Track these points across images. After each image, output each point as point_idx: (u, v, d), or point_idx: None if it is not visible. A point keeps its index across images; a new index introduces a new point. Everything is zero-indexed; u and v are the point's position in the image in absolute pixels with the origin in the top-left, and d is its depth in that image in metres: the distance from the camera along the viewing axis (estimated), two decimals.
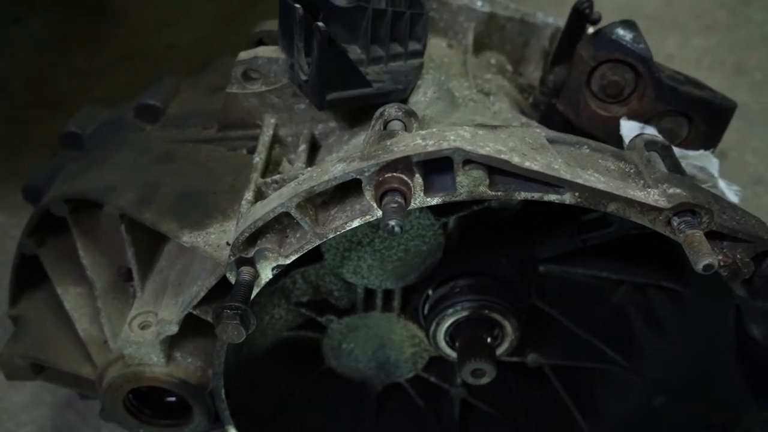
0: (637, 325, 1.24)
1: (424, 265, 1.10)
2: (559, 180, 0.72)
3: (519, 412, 1.35)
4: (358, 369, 1.27)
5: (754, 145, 2.14)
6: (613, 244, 1.12)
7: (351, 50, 0.97)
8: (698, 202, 0.74)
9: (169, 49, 2.40)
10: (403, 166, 0.72)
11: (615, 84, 1.01)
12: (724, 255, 0.79)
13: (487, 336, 1.05)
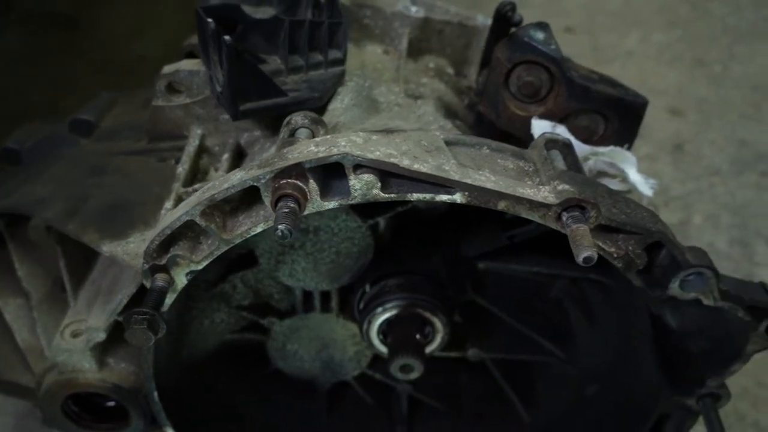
0: (574, 318, 1.27)
1: (357, 266, 1.14)
2: (448, 180, 0.76)
3: (464, 405, 1.39)
4: (305, 369, 1.30)
5: (711, 137, 2.18)
6: (544, 240, 1.15)
7: (271, 61, 1.00)
8: (584, 197, 0.77)
9: (140, 60, 2.44)
10: (297, 173, 0.75)
11: (530, 84, 1.04)
12: (617, 247, 0.83)
13: (417, 333, 1.08)
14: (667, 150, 2.13)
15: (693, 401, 1.00)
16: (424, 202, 1.13)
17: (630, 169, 1.06)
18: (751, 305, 0.88)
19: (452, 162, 0.78)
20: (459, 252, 1.18)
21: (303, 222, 1.08)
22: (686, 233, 1.89)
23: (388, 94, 1.14)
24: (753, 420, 1.52)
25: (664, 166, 2.08)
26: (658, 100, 2.30)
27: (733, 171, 2.07)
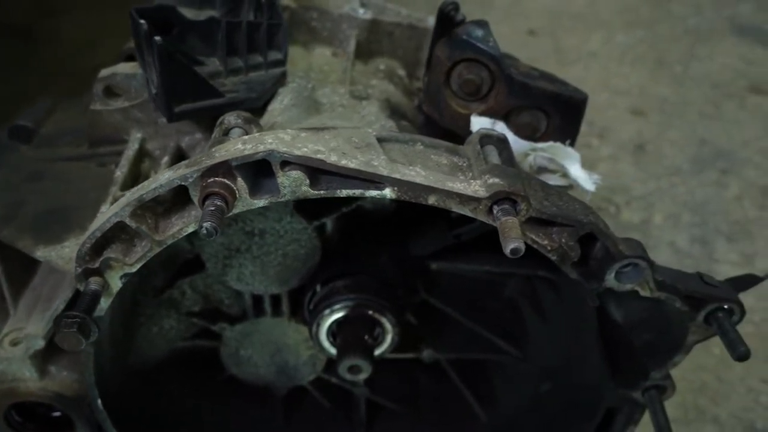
0: (527, 316, 1.27)
1: (305, 268, 1.13)
2: (376, 176, 0.76)
3: (423, 407, 1.38)
4: (260, 374, 1.29)
5: (672, 137, 2.20)
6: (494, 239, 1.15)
7: (209, 62, 1.00)
8: (514, 189, 0.77)
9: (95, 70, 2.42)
10: (224, 171, 0.74)
11: (471, 82, 1.04)
12: (551, 240, 0.83)
13: (365, 333, 1.08)
14: (629, 150, 2.15)
15: (639, 394, 1.00)
16: (371, 202, 1.16)
17: (573, 165, 1.06)
18: (688, 295, 0.89)
19: (382, 158, 0.78)
20: (408, 252, 1.17)
21: (248, 225, 1.08)
22: (648, 232, 1.90)
23: (331, 95, 1.14)
24: (713, 415, 1.52)
25: (626, 166, 2.10)
26: (620, 101, 2.33)
27: (693, 170, 2.09)
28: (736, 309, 0.90)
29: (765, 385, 1.57)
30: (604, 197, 2.00)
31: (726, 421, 1.51)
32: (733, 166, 2.09)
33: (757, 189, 2.02)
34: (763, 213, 1.95)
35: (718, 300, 0.89)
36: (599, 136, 2.19)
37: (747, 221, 1.93)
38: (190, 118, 0.97)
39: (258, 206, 0.77)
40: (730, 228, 1.91)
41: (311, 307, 1.13)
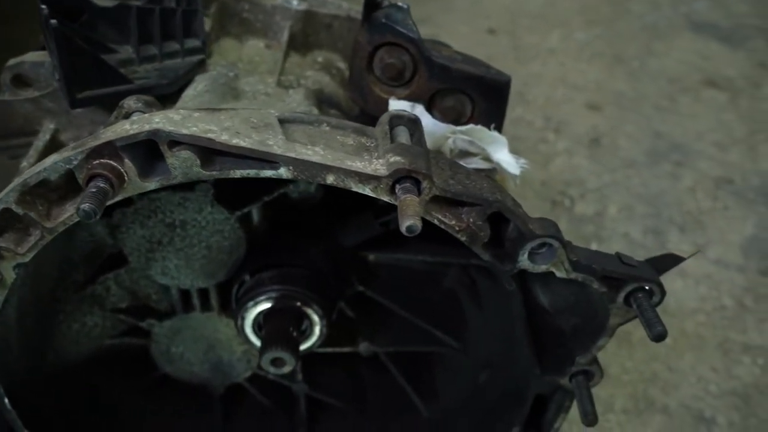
0: (466, 306, 1.25)
1: (231, 261, 1.11)
2: (270, 155, 0.73)
3: (367, 403, 1.36)
4: (194, 372, 1.26)
5: (628, 130, 2.20)
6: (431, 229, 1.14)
7: (122, 50, 0.98)
8: (414, 167, 0.75)
9: None
10: (110, 152, 0.72)
11: (393, 67, 1.03)
12: (459, 220, 0.81)
13: (291, 326, 1.05)
14: (584, 144, 2.14)
15: (566, 381, 0.99)
16: (297, 191, 1.13)
17: (500, 150, 1.05)
18: (606, 276, 0.87)
19: (279, 137, 0.76)
20: (338, 243, 1.15)
21: (168, 216, 1.05)
22: (602, 224, 1.89)
23: (256, 84, 1.12)
24: (662, 405, 1.51)
25: (581, 159, 2.09)
26: (577, 96, 2.33)
27: (648, 162, 2.08)
28: (656, 289, 0.88)
29: (715, 373, 1.56)
30: (559, 191, 1.99)
31: (675, 410, 1.50)
32: (687, 158, 2.09)
33: (710, 180, 2.01)
34: (716, 204, 1.95)
35: (637, 280, 0.87)
36: (555, 130, 2.18)
37: (700, 212, 1.93)
38: (95, 105, 0.94)
39: (149, 189, 0.75)
40: (683, 219, 1.91)
41: (237, 300, 1.11)
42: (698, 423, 1.48)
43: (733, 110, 2.26)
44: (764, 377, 1.56)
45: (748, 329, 1.65)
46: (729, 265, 1.79)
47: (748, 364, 1.58)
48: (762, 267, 1.79)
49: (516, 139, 2.14)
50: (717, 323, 1.66)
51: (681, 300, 1.71)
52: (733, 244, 1.85)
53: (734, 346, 1.62)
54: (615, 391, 1.53)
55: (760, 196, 1.97)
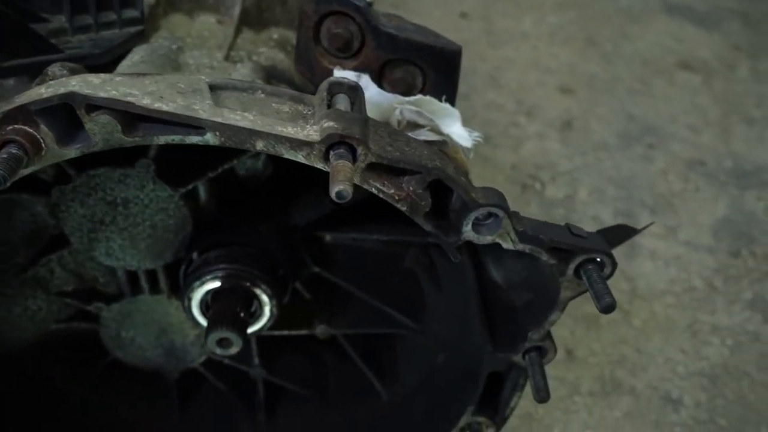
0: (425, 286, 1.22)
1: (177, 240, 1.07)
2: (195, 120, 0.70)
3: (327, 388, 1.33)
4: (147, 358, 1.22)
5: (600, 113, 2.18)
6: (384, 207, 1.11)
7: (55, 20, 0.94)
8: (348, 133, 0.72)
9: None
10: (24, 118, 0.68)
11: (340, 37, 0.99)
12: (399, 189, 0.78)
13: (236, 305, 1.02)
14: (556, 127, 2.12)
15: (519, 357, 0.96)
16: (244, 168, 1.10)
17: (453, 123, 1.01)
18: (554, 247, 0.84)
19: (207, 102, 0.73)
20: (290, 221, 1.12)
21: (108, 194, 1.02)
22: (572, 207, 1.87)
23: (201, 58, 1.08)
24: (630, 387, 1.49)
25: (552, 143, 2.07)
26: (549, 79, 2.30)
27: (620, 145, 2.06)
28: (606, 261, 0.86)
29: (683, 354, 1.54)
30: (529, 174, 1.97)
31: (642, 392, 1.48)
32: (659, 140, 2.07)
33: (682, 162, 2.00)
34: (687, 186, 1.93)
35: (586, 251, 0.84)
36: (527, 114, 2.15)
37: (671, 194, 1.91)
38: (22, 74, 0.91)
39: (68, 157, 0.71)
40: (655, 201, 1.89)
41: (184, 280, 1.07)
42: (665, 404, 1.46)
43: (707, 92, 2.25)
44: (732, 358, 1.54)
45: (717, 310, 1.63)
46: (699, 247, 1.77)
47: (717, 345, 1.57)
48: (732, 248, 1.77)
49: (487, 123, 2.12)
50: (686, 305, 1.64)
51: (651, 282, 1.69)
52: (704, 225, 1.83)
53: (703, 327, 1.60)
54: (582, 373, 1.51)
55: (732, 178, 1.96)
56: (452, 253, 0.84)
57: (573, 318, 1.61)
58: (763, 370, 1.52)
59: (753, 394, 1.48)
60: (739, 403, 1.46)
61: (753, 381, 1.50)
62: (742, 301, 1.65)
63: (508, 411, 1.05)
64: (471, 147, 1.00)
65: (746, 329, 1.59)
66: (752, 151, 2.03)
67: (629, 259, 1.74)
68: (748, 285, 1.69)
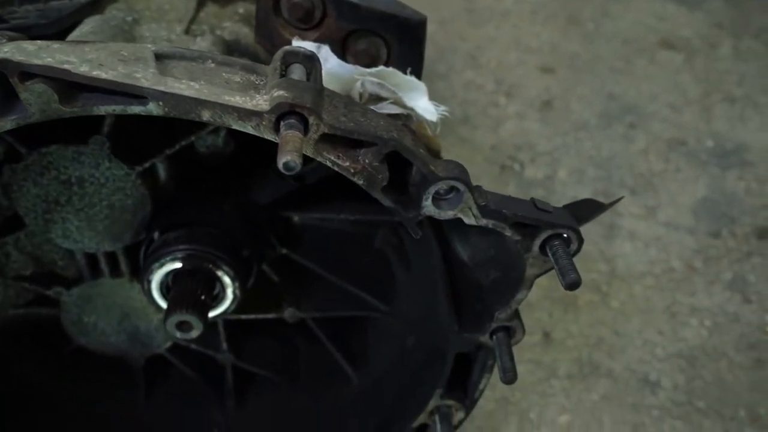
0: (395, 268, 1.20)
1: (136, 221, 1.03)
2: (136, 88, 0.67)
3: (297, 372, 1.30)
4: (111, 343, 1.19)
5: (581, 93, 2.15)
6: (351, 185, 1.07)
7: None
8: (299, 102, 0.69)
9: None
10: None
11: (300, 7, 0.96)
12: (354, 161, 0.75)
13: (197, 287, 0.99)
14: (535, 107, 2.09)
15: (487, 338, 0.93)
16: (204, 145, 1.06)
17: (419, 96, 0.98)
18: (519, 222, 0.81)
19: (150, 71, 0.69)
20: (254, 201, 1.09)
21: (63, 173, 0.98)
22: (551, 188, 1.84)
23: (159, 31, 1.04)
24: (607, 369, 1.47)
25: (532, 123, 2.04)
26: (530, 59, 2.27)
27: (600, 124, 2.04)
28: (572, 236, 0.83)
29: (661, 337, 1.52)
30: (508, 155, 1.94)
31: (620, 374, 1.46)
32: (640, 120, 2.04)
33: (663, 142, 1.97)
34: (668, 165, 1.90)
35: (552, 226, 0.81)
36: (507, 94, 2.12)
37: (651, 174, 1.88)
38: None
39: (6, 129, 0.68)
40: (635, 181, 1.86)
41: (143, 261, 1.04)
42: (643, 386, 1.44)
43: (688, 71, 2.22)
44: (711, 339, 1.52)
45: (696, 291, 1.61)
46: (679, 227, 1.75)
47: (696, 326, 1.55)
48: (712, 229, 1.75)
49: (466, 103, 2.09)
50: (665, 286, 1.62)
51: (630, 263, 1.67)
52: (684, 206, 1.81)
53: (682, 308, 1.58)
54: (559, 356, 1.49)
55: (713, 158, 1.94)
56: (413, 228, 0.81)
57: (551, 300, 1.59)
58: (742, 351, 1.50)
59: (731, 375, 1.46)
60: (717, 385, 1.45)
61: (731, 362, 1.48)
62: (721, 281, 1.63)
63: (477, 393, 1.02)
64: (437, 121, 0.97)
65: (726, 310, 1.58)
66: (733, 130, 2.01)
67: (608, 240, 1.72)
68: (728, 265, 1.67)
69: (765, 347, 1.50)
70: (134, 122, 0.95)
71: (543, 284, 1.65)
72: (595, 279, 1.63)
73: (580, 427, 1.38)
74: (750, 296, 1.60)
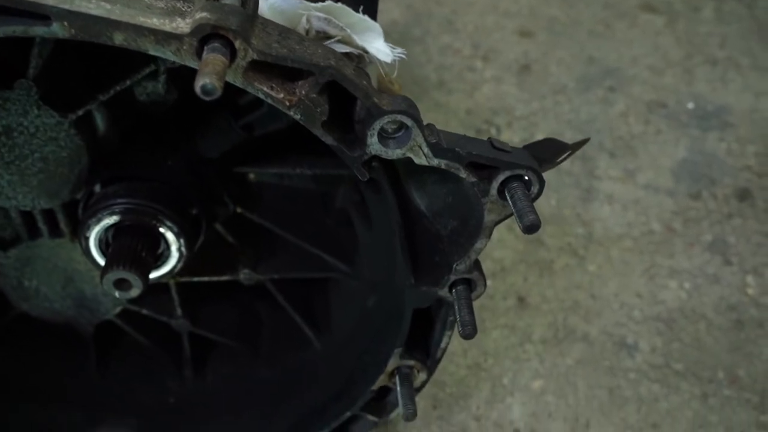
0: (357, 227, 1.13)
1: (73, 175, 0.96)
2: (38, 6, 0.60)
3: (258, 340, 1.24)
4: (56, 310, 1.13)
5: (559, 56, 2.08)
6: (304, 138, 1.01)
7: None
8: (222, 24, 0.62)
9: None
10: None
11: None
12: (289, 92, 0.68)
13: (137, 243, 0.92)
14: (513, 71, 2.02)
15: (446, 291, 0.88)
16: (145, 93, 0.99)
17: (375, 39, 0.91)
18: (474, 162, 0.75)
19: None
20: (199, 154, 1.02)
21: None
22: None
23: None
24: (583, 333, 1.42)
25: (509, 87, 1.97)
26: (508, 23, 2.20)
27: (579, 88, 1.97)
28: (533, 178, 0.77)
29: (639, 299, 1.47)
30: (485, 119, 1.87)
31: (596, 338, 1.41)
32: (620, 83, 1.98)
33: (643, 104, 1.91)
34: (648, 128, 1.85)
35: (510, 167, 0.75)
36: (483, 58, 2.05)
37: (631, 137, 1.82)
38: None
39: None
40: (614, 144, 1.81)
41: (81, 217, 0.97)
42: (620, 349, 1.39)
43: (669, 34, 2.16)
44: (690, 301, 1.47)
45: (675, 253, 1.56)
46: (659, 190, 1.70)
47: (675, 288, 1.50)
48: (692, 190, 1.70)
49: (442, 68, 2.02)
50: (644, 248, 1.57)
51: (607, 226, 1.62)
52: (664, 168, 1.75)
53: (661, 270, 1.53)
54: (533, 320, 1.44)
55: (694, 119, 1.88)
56: (359, 170, 0.75)
57: (526, 264, 1.53)
58: (722, 312, 1.45)
59: (710, 337, 1.42)
60: (695, 347, 1.40)
61: (710, 324, 1.44)
62: (701, 243, 1.58)
63: (440, 353, 0.97)
64: (393, 63, 0.90)
65: (705, 272, 1.53)
66: (715, 92, 1.95)
67: (585, 204, 1.66)
68: (708, 227, 1.62)
69: (745, 308, 1.46)
70: (64, 65, 0.89)
71: (518, 248, 1.61)
72: (572, 243, 1.58)
73: (554, 392, 1.33)
74: (730, 258, 1.55)
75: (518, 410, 1.31)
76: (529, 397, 1.33)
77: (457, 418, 1.30)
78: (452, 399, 1.32)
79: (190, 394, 1.23)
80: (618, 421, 1.29)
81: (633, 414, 1.30)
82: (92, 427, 1.20)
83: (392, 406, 1.05)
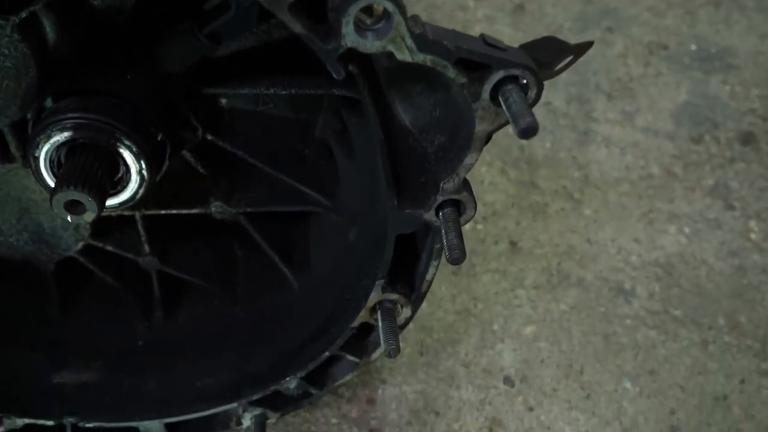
0: (337, 157, 1.05)
1: (21, 89, 0.87)
2: None
3: (233, 279, 1.16)
4: (11, 245, 1.04)
5: None
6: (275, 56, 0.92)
7: None
8: None
9: None
10: None
11: None
12: None
13: (92, 162, 0.83)
14: (507, 11, 1.92)
15: (432, 215, 0.80)
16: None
17: None
18: (464, 59, 0.66)
19: None
20: (162, 68, 0.92)
21: None
22: None
23: None
24: (578, 278, 1.35)
25: (503, 27, 1.87)
26: None
27: (576, 28, 1.88)
28: (530, 79, 0.68)
29: (637, 244, 1.40)
30: None
31: (591, 283, 1.34)
32: (619, 24, 1.89)
33: (643, 46, 1.82)
34: (647, 70, 1.76)
35: (505, 65, 0.67)
36: None
37: (630, 79, 1.74)
38: None
39: None
40: (611, 86, 1.72)
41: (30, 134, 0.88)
42: (616, 295, 1.32)
43: None
44: (690, 247, 1.40)
45: (675, 198, 1.49)
46: (658, 133, 1.62)
47: (674, 233, 1.43)
48: (693, 134, 1.62)
49: (432, 7, 1.91)
50: (643, 193, 1.50)
51: (605, 170, 1.54)
52: (664, 111, 1.67)
53: (660, 215, 1.46)
54: (526, 265, 1.36)
55: (696, 62, 1.79)
56: (333, 66, 0.66)
57: (518, 208, 1.46)
58: (723, 258, 1.39)
59: (711, 283, 1.35)
60: (695, 293, 1.33)
61: (711, 269, 1.37)
62: (702, 187, 1.51)
63: (425, 285, 0.89)
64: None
65: (706, 216, 1.46)
66: (718, 33, 1.86)
67: (582, 147, 1.58)
68: (709, 171, 1.54)
69: (747, 254, 1.39)
70: None
71: (510, 192, 1.53)
72: (567, 186, 1.50)
73: (547, 338, 1.26)
74: (732, 202, 1.48)
75: (509, 356, 1.24)
76: (520, 343, 1.26)
77: (444, 364, 1.23)
78: (440, 345, 1.25)
79: (161, 337, 1.15)
80: (614, 368, 1.23)
81: (629, 361, 1.24)
82: (56, 371, 1.12)
83: (374, 346, 0.98)
